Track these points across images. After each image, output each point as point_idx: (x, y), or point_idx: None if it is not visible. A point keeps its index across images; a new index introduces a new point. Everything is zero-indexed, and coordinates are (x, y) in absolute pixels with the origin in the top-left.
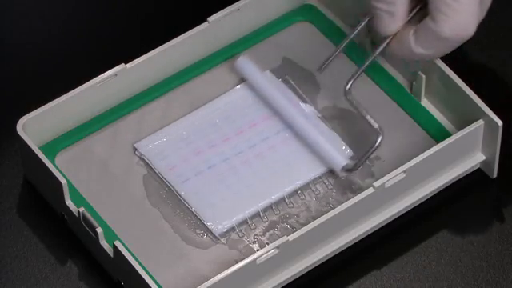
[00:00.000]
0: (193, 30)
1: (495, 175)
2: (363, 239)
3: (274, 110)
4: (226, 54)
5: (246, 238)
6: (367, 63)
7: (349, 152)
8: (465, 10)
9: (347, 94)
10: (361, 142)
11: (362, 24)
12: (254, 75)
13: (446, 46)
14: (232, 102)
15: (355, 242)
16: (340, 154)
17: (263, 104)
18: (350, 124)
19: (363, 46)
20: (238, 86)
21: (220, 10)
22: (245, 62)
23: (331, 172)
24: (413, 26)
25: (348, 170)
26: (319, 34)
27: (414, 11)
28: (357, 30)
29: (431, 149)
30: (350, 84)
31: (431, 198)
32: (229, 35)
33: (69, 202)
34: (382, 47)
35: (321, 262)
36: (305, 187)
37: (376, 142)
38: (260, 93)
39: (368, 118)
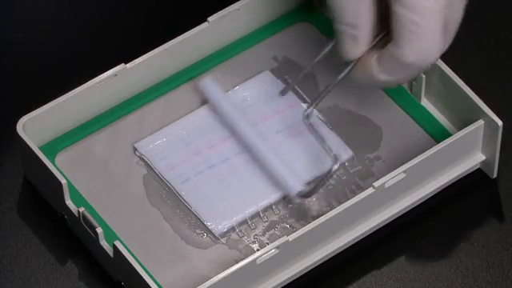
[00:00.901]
0: (193, 29)
1: (495, 175)
2: (363, 239)
3: (232, 132)
4: (226, 54)
5: (246, 237)
6: (329, 88)
7: (305, 177)
8: (428, 35)
9: (308, 117)
10: (361, 141)
11: (326, 49)
12: (216, 97)
13: (408, 72)
14: (231, 102)
15: (355, 242)
16: (295, 178)
17: (262, 105)
18: (350, 124)
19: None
20: (237, 87)
21: (220, 9)
22: (208, 84)
23: (331, 171)
24: (376, 52)
25: (303, 196)
26: (319, 34)
27: (379, 37)
28: (320, 56)
29: (431, 149)
30: (310, 108)
31: (431, 197)
32: (229, 35)
33: (69, 202)
34: (345, 72)
35: (321, 261)
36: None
37: (332, 168)
38: (220, 114)
39: (324, 144)
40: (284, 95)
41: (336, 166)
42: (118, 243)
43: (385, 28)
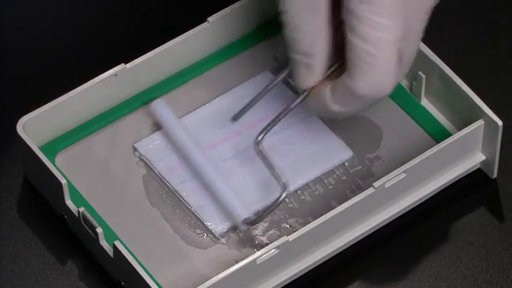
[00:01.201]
0: (193, 29)
1: (495, 175)
2: (363, 239)
3: (184, 157)
4: (227, 54)
5: (246, 237)
6: (281, 116)
7: (255, 204)
8: (382, 66)
9: (258, 144)
10: (361, 141)
11: (281, 77)
12: (168, 121)
13: (362, 104)
14: (230, 103)
15: (355, 242)
16: (242, 205)
17: (262, 105)
18: (350, 124)
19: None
20: (234, 89)
21: (220, 9)
22: (160, 106)
23: (332, 171)
24: (331, 82)
25: (249, 223)
26: None
27: (334, 67)
28: (275, 82)
29: (431, 149)
30: (262, 135)
31: (431, 197)
32: (229, 35)
33: (69, 202)
34: (297, 101)
35: (321, 261)
36: (305, 187)
37: (281, 196)
38: (172, 139)
39: (274, 172)
40: (236, 120)
41: (285, 194)
42: (117, 243)
43: (340, 58)
